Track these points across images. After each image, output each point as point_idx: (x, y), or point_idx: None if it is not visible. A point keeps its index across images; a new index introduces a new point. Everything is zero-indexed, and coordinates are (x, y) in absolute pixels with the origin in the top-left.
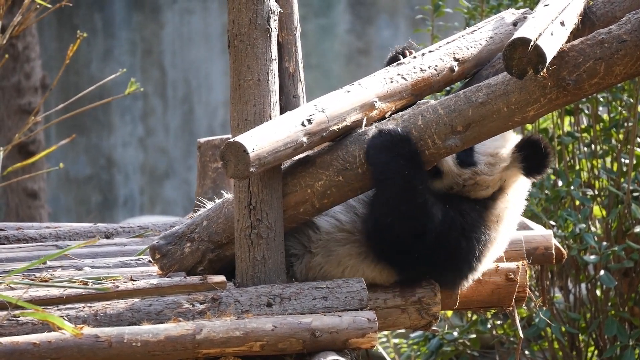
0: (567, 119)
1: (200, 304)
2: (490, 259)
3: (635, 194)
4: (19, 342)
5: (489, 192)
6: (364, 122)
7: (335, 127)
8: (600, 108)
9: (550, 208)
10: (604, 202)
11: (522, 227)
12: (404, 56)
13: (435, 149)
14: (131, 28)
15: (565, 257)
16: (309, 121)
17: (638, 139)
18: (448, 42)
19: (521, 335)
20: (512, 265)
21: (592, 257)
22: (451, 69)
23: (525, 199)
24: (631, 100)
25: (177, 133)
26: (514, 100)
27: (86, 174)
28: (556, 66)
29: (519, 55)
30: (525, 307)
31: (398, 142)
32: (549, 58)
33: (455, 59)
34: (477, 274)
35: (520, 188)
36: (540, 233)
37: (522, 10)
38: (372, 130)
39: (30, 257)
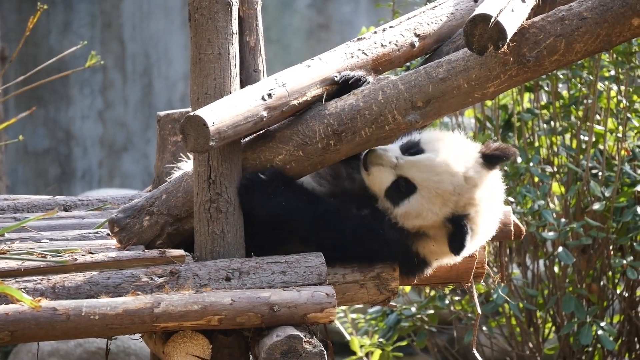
0: (526, 96)
1: (159, 277)
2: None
3: (594, 171)
4: None
5: (403, 225)
6: (325, 96)
7: (295, 102)
8: (560, 85)
9: (509, 184)
10: (562, 179)
11: None
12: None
13: (396, 124)
14: (91, 0)
15: (524, 233)
16: (269, 95)
17: (597, 116)
18: (409, 18)
19: (479, 311)
20: None
21: (551, 233)
22: (412, 45)
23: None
24: (591, 77)
25: (137, 106)
26: (474, 76)
27: (44, 146)
28: (517, 43)
29: (479, 31)
30: (483, 284)
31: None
32: (510, 35)
33: (416, 35)
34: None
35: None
36: None
37: None
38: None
39: None
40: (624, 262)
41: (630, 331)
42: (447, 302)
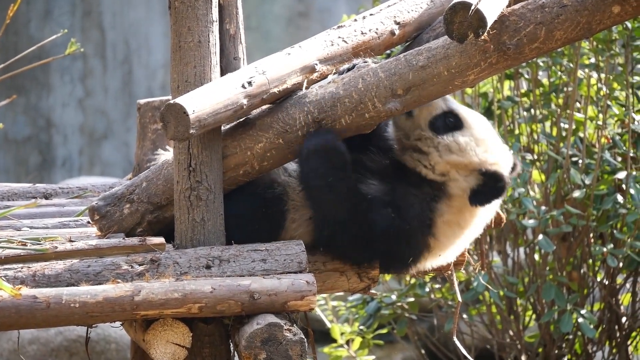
0: (506, 83)
1: (139, 265)
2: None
3: (574, 159)
4: None
5: (427, 173)
6: (305, 84)
7: (275, 90)
8: (540, 72)
9: None
10: (543, 167)
11: None
12: None
13: (376, 112)
14: None
15: (504, 221)
16: (250, 83)
17: (577, 103)
18: (389, 6)
19: (459, 299)
20: None
21: (531, 221)
22: (392, 33)
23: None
24: (571, 65)
25: (117, 94)
26: (455, 64)
27: (25, 134)
28: (497, 30)
29: (459, 19)
30: (463, 271)
31: (332, 152)
32: (490, 22)
33: (396, 22)
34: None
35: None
36: None
37: None
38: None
39: None
40: (604, 249)
41: (610, 319)
42: (427, 290)
